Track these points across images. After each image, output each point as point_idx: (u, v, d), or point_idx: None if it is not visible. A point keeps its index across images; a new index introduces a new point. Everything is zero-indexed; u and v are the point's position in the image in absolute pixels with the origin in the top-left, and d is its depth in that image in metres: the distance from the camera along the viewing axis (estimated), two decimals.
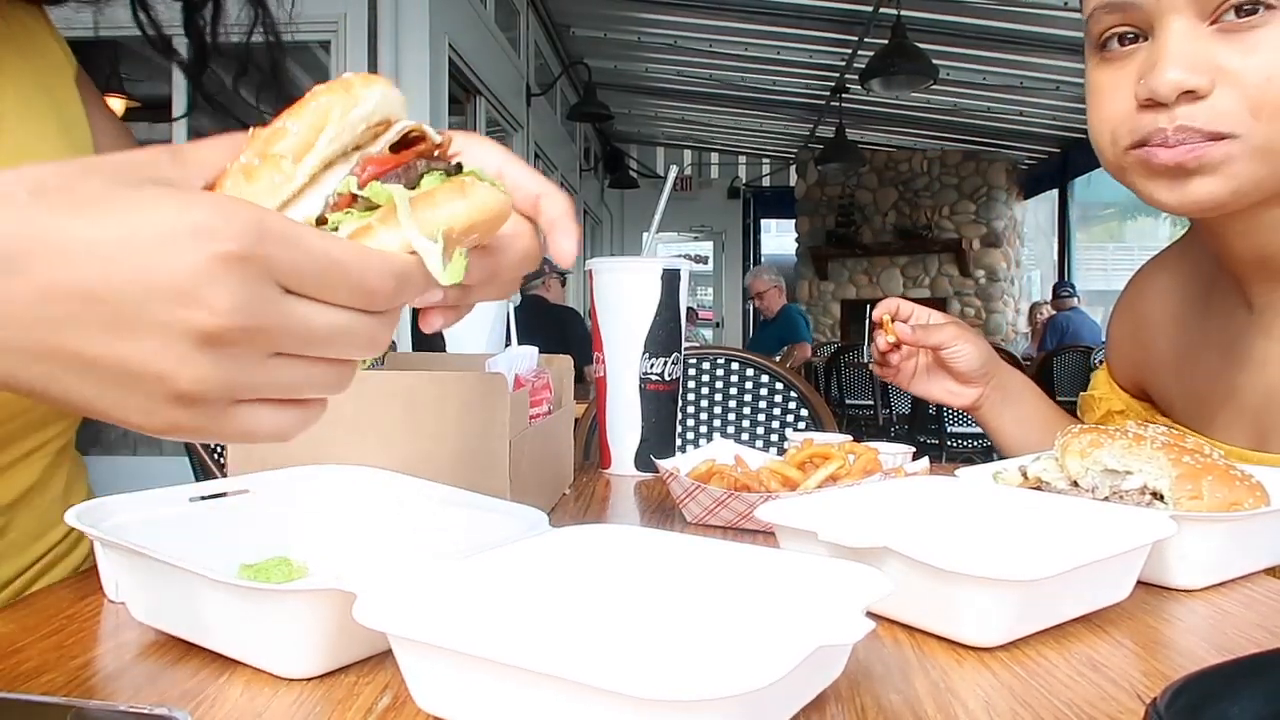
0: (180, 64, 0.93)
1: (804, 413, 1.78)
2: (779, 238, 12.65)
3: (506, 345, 1.11)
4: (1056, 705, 0.45)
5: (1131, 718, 0.43)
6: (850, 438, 0.96)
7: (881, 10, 5.48)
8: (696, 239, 12.63)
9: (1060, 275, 9.01)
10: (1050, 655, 0.52)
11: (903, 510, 0.71)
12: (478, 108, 5.76)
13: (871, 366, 1.17)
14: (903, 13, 5.19)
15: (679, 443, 1.21)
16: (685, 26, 6.53)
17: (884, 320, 1.12)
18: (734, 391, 1.81)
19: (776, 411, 1.80)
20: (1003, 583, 0.51)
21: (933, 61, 5.22)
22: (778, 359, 2.30)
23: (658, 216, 1.19)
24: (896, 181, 9.80)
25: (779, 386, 1.79)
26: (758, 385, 1.81)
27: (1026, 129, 8.19)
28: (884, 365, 1.16)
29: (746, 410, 1.81)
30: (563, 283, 5.72)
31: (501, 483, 0.74)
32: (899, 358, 1.14)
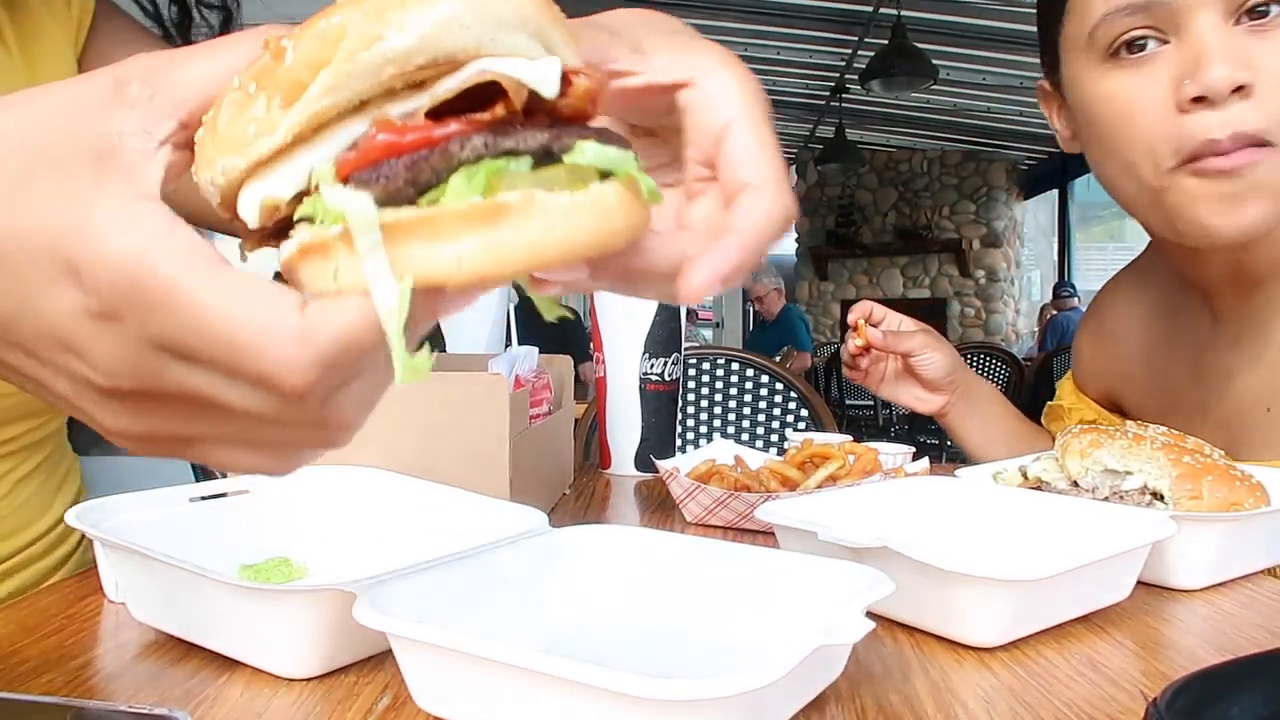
0: (165, 30, 0.92)
1: (804, 413, 1.78)
2: None
3: (507, 345, 1.11)
4: (1056, 705, 0.45)
5: (1132, 718, 0.43)
6: (850, 438, 0.96)
7: (881, 10, 5.48)
8: None
9: (1060, 275, 9.01)
10: (1050, 655, 0.52)
11: (903, 510, 0.71)
12: None
13: (845, 370, 1.19)
14: (903, 13, 5.19)
15: (679, 443, 1.21)
16: None
17: (857, 324, 1.13)
18: (734, 391, 1.81)
19: (776, 412, 1.80)
20: (1003, 583, 0.51)
21: (933, 62, 5.22)
22: (777, 359, 2.30)
23: None
24: (896, 182, 9.79)
25: (779, 387, 1.79)
26: (758, 385, 1.81)
27: (1026, 129, 8.18)
28: (854, 368, 1.17)
29: (746, 410, 1.81)
30: None
31: (501, 483, 0.74)
32: (868, 361, 1.15)
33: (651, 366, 1.13)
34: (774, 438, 1.79)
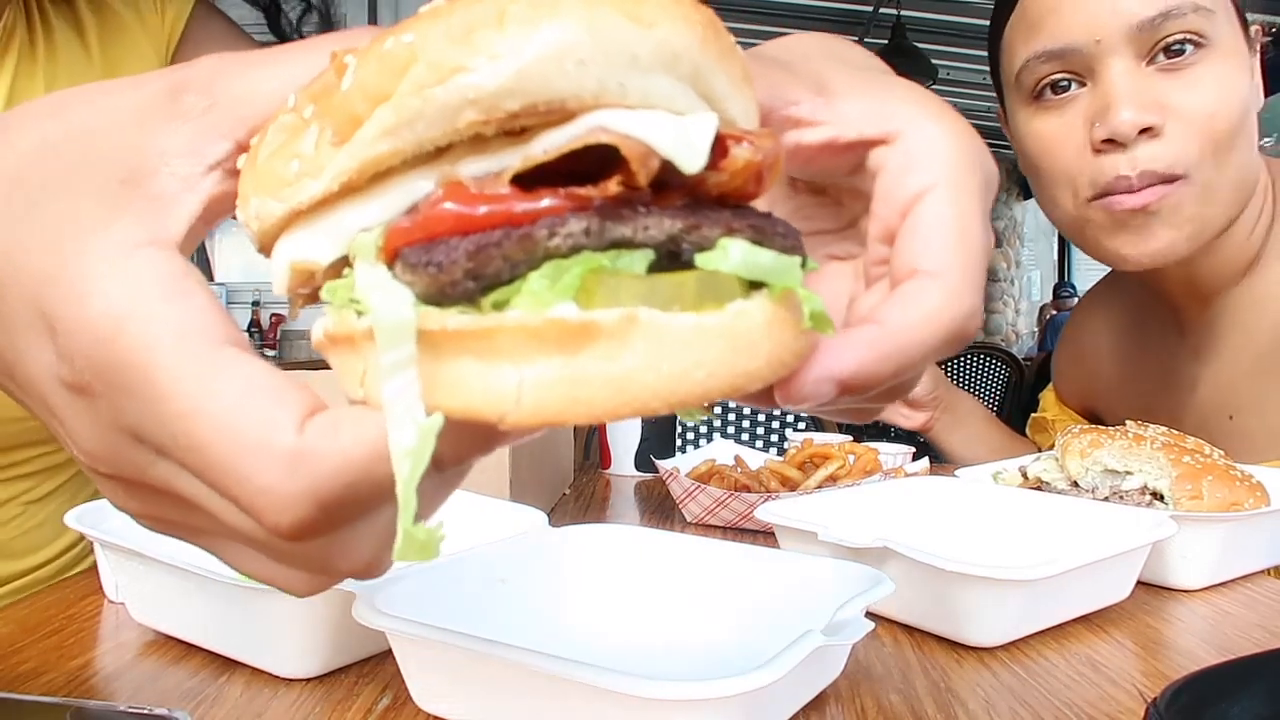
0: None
1: (804, 412, 1.78)
2: None
3: None
4: (1056, 705, 0.45)
5: (1131, 718, 0.43)
6: (850, 438, 0.96)
7: (881, 10, 5.48)
8: None
9: (1060, 276, 9.01)
10: (1050, 655, 0.52)
11: (903, 510, 0.71)
12: None
13: None
14: (902, 13, 5.19)
15: (679, 443, 1.21)
16: None
17: None
18: None
19: (776, 411, 1.80)
20: (1003, 582, 0.51)
21: (932, 62, 5.22)
22: None
23: None
24: None
25: None
26: None
27: None
28: None
29: (746, 410, 1.81)
30: None
31: (501, 483, 0.74)
32: None
33: None
34: (774, 438, 1.78)
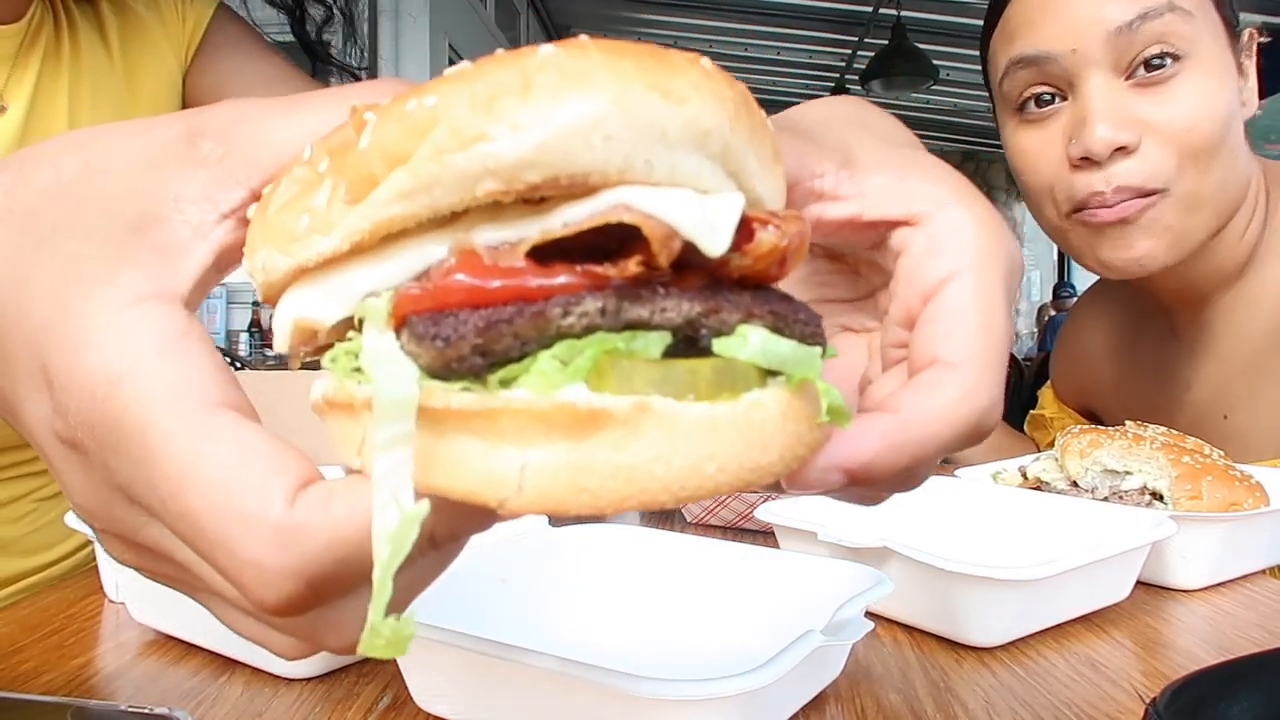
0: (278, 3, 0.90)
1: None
2: None
3: None
4: (1056, 705, 0.45)
5: (1131, 717, 0.43)
6: None
7: (881, 11, 5.48)
8: None
9: (1060, 276, 9.00)
10: (1050, 655, 0.52)
11: (903, 510, 0.71)
12: None
13: None
14: (902, 13, 5.19)
15: None
16: (685, 27, 6.53)
17: None
18: None
19: None
20: (1003, 582, 0.51)
21: (932, 62, 5.22)
22: None
23: None
24: None
25: None
26: None
27: None
28: None
29: None
30: None
31: None
32: None
33: None
34: None
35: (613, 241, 0.20)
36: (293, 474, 0.22)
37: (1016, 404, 1.27)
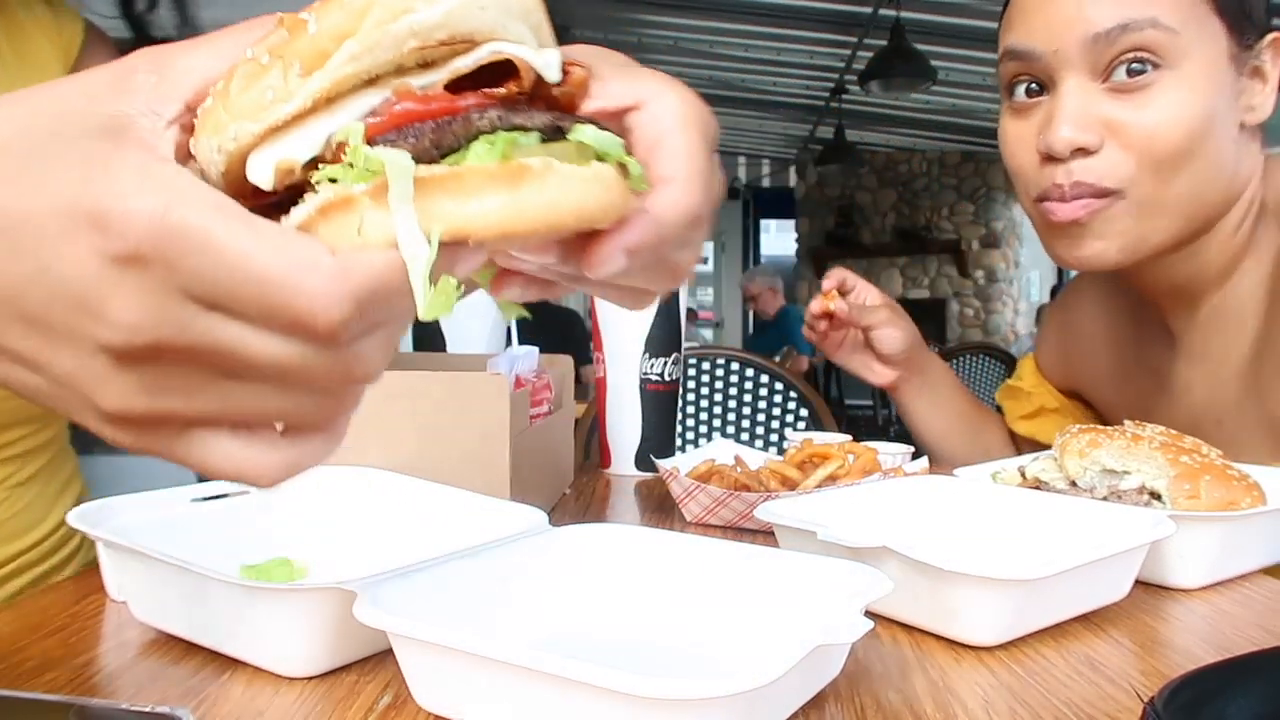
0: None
1: (804, 413, 1.78)
2: (779, 238, 12.65)
3: (507, 345, 1.11)
4: (1055, 704, 0.45)
5: (1129, 716, 0.44)
6: (850, 438, 0.96)
7: (880, 12, 5.48)
8: None
9: (1059, 276, 9.00)
10: (1049, 654, 0.52)
11: (902, 510, 0.71)
12: None
13: (804, 329, 1.23)
14: (902, 14, 5.19)
15: (679, 443, 1.21)
16: (685, 28, 6.53)
17: (830, 292, 1.16)
18: (734, 391, 1.81)
19: (776, 411, 1.80)
20: (1002, 582, 0.51)
21: (931, 63, 5.22)
22: (777, 359, 2.30)
23: None
24: (896, 182, 9.79)
25: (779, 386, 1.80)
26: (758, 385, 1.81)
27: None
28: (813, 328, 1.20)
29: (746, 410, 1.81)
30: None
31: (501, 483, 0.74)
32: (827, 326, 1.18)
33: (651, 366, 1.13)
34: (774, 438, 1.79)
35: (489, 80, 0.32)
36: (324, 244, 0.30)
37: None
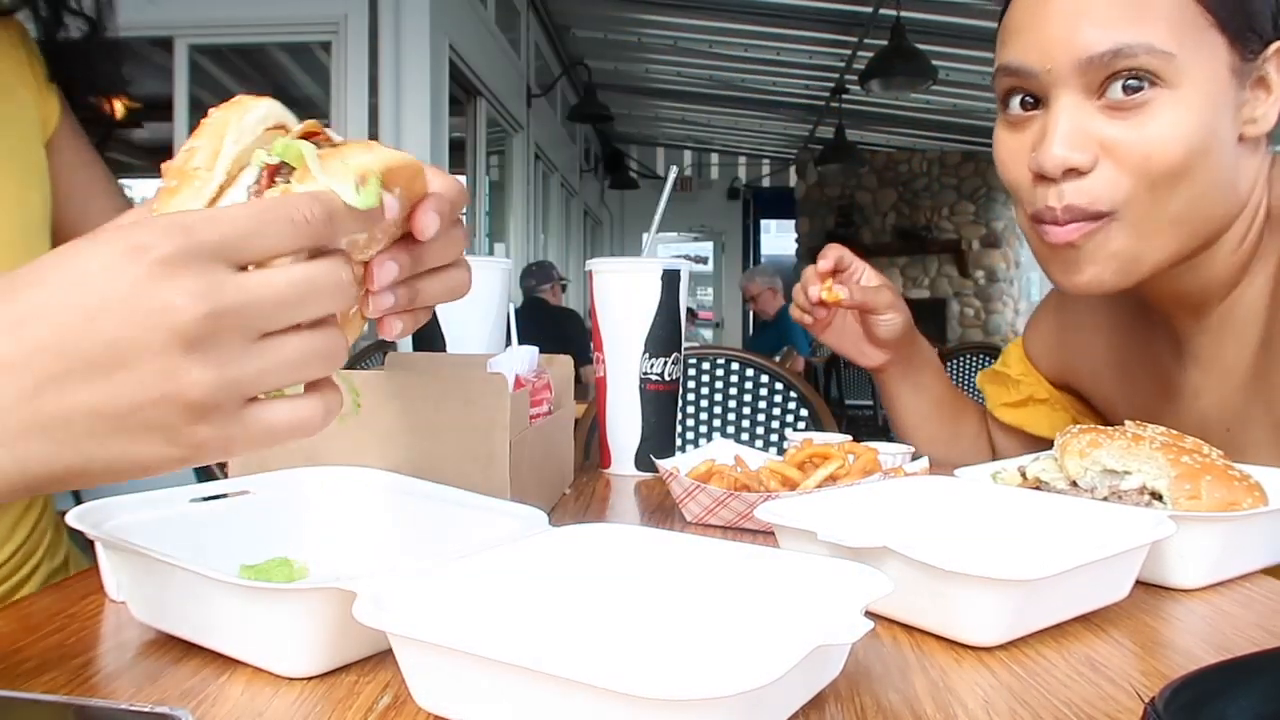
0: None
1: (804, 413, 1.78)
2: (779, 238, 12.65)
3: (506, 345, 1.11)
4: (1055, 704, 0.45)
5: (1130, 717, 0.44)
6: (850, 438, 0.96)
7: (881, 11, 5.48)
8: (696, 239, 12.64)
9: None
10: (1049, 655, 0.52)
11: (902, 510, 0.71)
12: (478, 109, 5.76)
13: (791, 308, 1.19)
14: (902, 14, 5.19)
15: (679, 443, 1.21)
16: (685, 28, 6.53)
17: (829, 283, 1.11)
18: (734, 391, 1.81)
19: (776, 411, 1.80)
20: (1002, 583, 0.51)
21: (932, 62, 5.21)
22: (777, 359, 2.30)
23: (658, 217, 1.19)
24: (896, 182, 9.80)
25: (779, 386, 1.80)
26: (758, 385, 1.81)
27: None
28: (805, 311, 1.15)
29: (746, 410, 1.81)
30: (563, 289, 5.79)
31: (501, 483, 0.74)
32: (826, 313, 1.14)
33: (651, 366, 1.13)
34: (774, 438, 1.79)
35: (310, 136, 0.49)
36: None
37: None
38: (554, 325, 5.06)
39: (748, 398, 1.81)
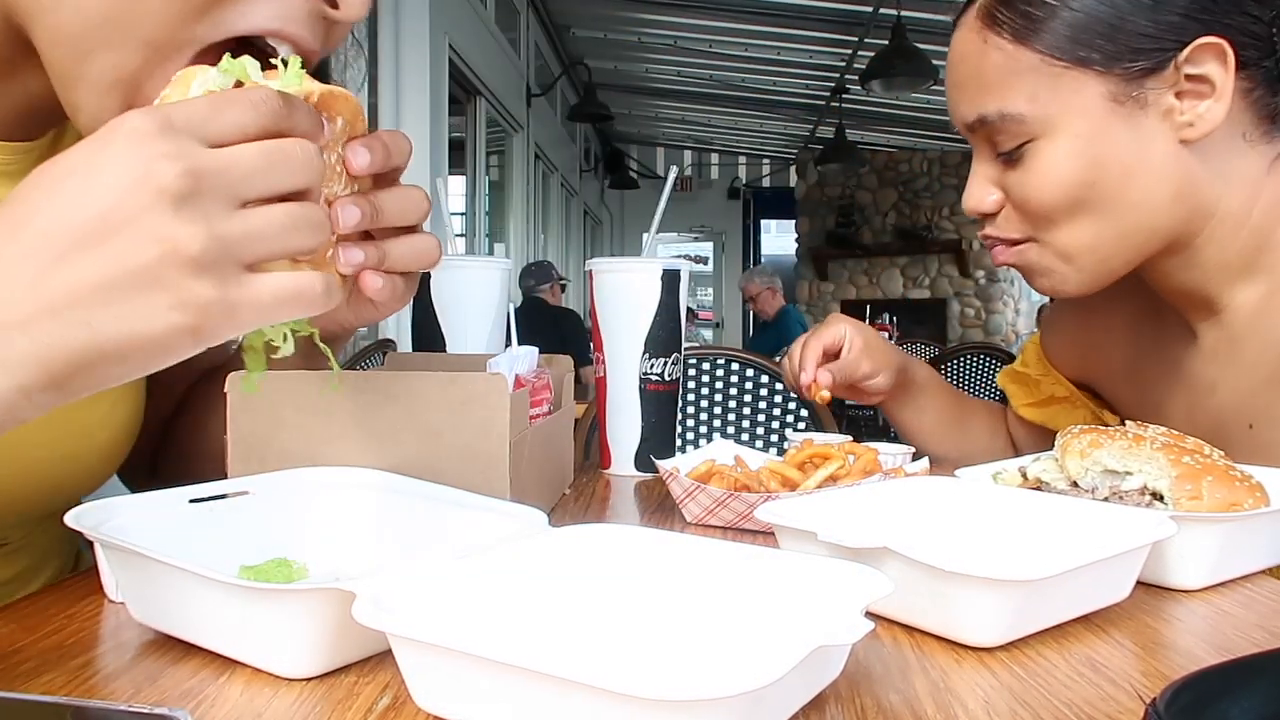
0: None
1: (804, 413, 1.78)
2: (779, 238, 12.64)
3: (506, 345, 1.11)
4: (1056, 705, 0.45)
5: (1131, 718, 0.43)
6: (850, 438, 0.96)
7: (881, 11, 5.48)
8: (696, 239, 12.64)
9: None
10: (1050, 655, 0.52)
11: (902, 510, 0.71)
12: (478, 108, 5.76)
13: (786, 383, 1.26)
14: (902, 13, 5.19)
15: (679, 443, 1.21)
16: (685, 27, 6.53)
17: (817, 395, 1.14)
18: (734, 391, 1.81)
19: (776, 411, 1.80)
20: (1002, 583, 0.51)
21: (932, 62, 5.21)
22: (777, 359, 2.30)
23: (658, 217, 1.19)
24: (896, 182, 9.80)
25: (779, 386, 1.79)
26: (758, 385, 1.81)
27: None
28: (799, 388, 1.18)
29: (746, 410, 1.81)
30: (563, 289, 5.80)
31: (501, 483, 0.74)
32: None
33: (651, 366, 1.13)
34: (774, 438, 1.79)
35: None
36: None
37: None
38: (553, 325, 5.06)
39: (748, 398, 1.81)
